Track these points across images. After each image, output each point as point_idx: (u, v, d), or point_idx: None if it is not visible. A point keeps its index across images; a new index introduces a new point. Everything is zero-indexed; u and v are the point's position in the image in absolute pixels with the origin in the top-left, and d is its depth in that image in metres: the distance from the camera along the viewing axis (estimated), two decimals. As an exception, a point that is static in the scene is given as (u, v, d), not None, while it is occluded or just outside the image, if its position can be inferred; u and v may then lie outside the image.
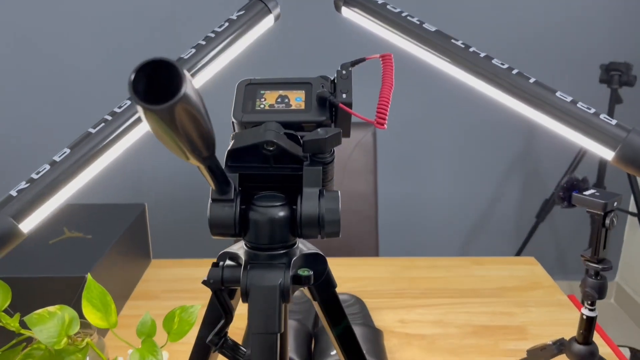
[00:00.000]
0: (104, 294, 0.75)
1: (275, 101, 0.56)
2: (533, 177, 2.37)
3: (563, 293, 1.22)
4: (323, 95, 0.54)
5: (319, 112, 0.54)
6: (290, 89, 0.57)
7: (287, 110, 0.55)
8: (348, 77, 0.55)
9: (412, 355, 1.02)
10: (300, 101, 0.56)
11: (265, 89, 0.57)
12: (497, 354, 1.02)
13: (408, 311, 1.16)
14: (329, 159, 0.51)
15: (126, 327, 1.14)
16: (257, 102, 0.56)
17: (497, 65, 0.56)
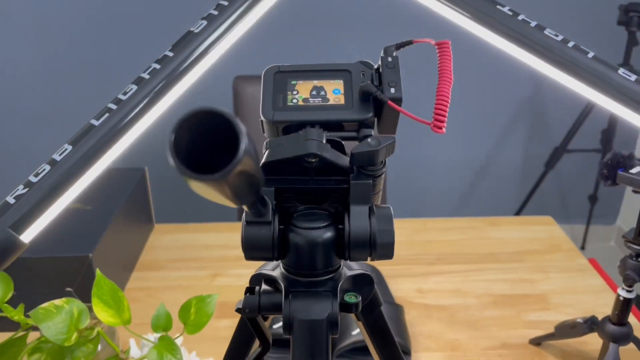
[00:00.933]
0: (115, 290, 0.70)
1: (309, 94, 0.48)
2: (539, 125, 2.31)
3: (583, 256, 1.19)
4: (368, 89, 0.46)
5: (362, 108, 0.47)
6: (326, 77, 0.49)
7: (325, 106, 0.47)
8: (395, 66, 0.47)
9: (432, 328, 0.99)
10: (339, 94, 0.48)
11: (297, 79, 0.49)
12: (519, 326, 0.99)
13: (425, 279, 1.12)
14: (379, 172, 0.44)
15: (134, 301, 1.10)
16: (289, 96, 0.48)
17: (502, 11, 0.49)
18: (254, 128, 0.51)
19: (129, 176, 1.22)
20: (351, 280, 0.47)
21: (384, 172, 0.44)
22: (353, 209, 0.43)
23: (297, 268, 0.45)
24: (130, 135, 0.59)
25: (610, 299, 1.06)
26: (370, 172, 0.44)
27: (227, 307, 1.04)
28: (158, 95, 0.59)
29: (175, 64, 0.59)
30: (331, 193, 0.45)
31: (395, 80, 0.46)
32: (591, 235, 2.50)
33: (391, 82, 0.46)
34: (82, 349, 0.75)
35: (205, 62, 0.62)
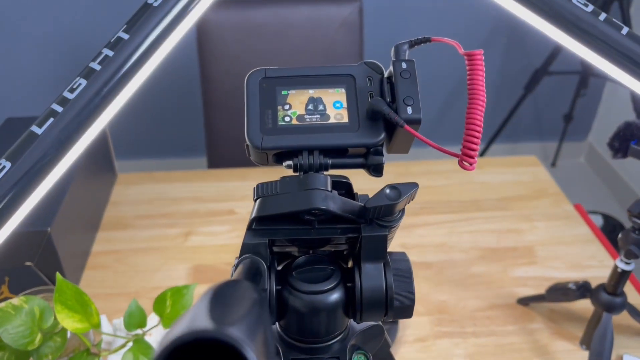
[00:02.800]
0: (80, 294, 0.62)
1: (305, 109, 0.39)
2: (516, 45, 2.21)
3: (568, 202, 1.15)
4: (379, 109, 0.37)
5: (370, 128, 0.38)
6: (325, 85, 0.40)
7: (325, 125, 0.38)
8: (411, 75, 0.38)
9: (418, 289, 0.95)
10: (341, 108, 0.39)
11: (288, 87, 0.40)
12: (506, 283, 0.97)
13: (409, 232, 1.07)
14: (396, 222, 0.36)
15: (102, 267, 1.02)
16: (280, 113, 0.39)
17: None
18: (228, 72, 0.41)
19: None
20: (361, 336, 0.41)
21: (402, 218, 0.37)
22: (365, 267, 0.36)
23: (297, 334, 0.38)
24: (79, 145, 0.49)
25: (596, 250, 1.04)
26: (386, 223, 0.36)
27: (203, 271, 0.98)
28: (113, 91, 0.49)
29: (131, 48, 0.48)
30: (337, 242, 0.38)
31: (412, 94, 0.37)
32: (561, 151, 2.50)
33: (407, 98, 0.37)
34: (48, 344, 0.69)
35: (170, 42, 0.51)
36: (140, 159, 2.26)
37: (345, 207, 0.35)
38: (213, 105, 1.45)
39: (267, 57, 1.43)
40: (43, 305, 0.67)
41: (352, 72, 0.40)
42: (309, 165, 0.37)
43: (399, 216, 0.36)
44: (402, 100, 0.37)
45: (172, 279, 0.97)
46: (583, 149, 2.62)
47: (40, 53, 2.08)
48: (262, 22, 1.40)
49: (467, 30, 2.17)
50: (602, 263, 1.01)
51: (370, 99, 0.39)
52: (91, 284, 0.96)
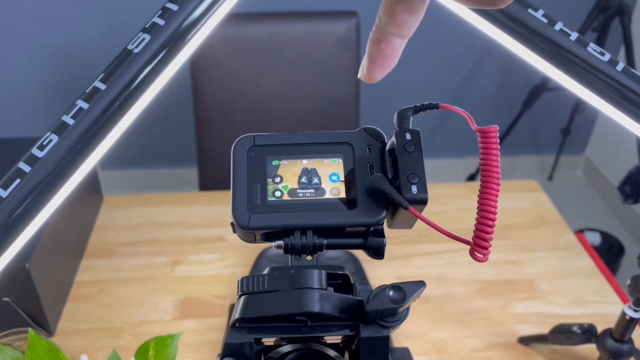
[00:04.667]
0: (54, 351, 0.58)
1: (298, 182, 0.35)
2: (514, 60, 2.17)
3: (570, 230, 1.12)
4: (380, 187, 0.33)
5: (370, 206, 0.34)
6: (320, 154, 0.36)
7: (320, 202, 0.34)
8: (416, 148, 0.34)
9: (415, 326, 0.92)
10: (338, 182, 0.35)
11: (279, 157, 0.36)
12: (506, 320, 0.93)
13: (406, 262, 1.04)
14: (400, 322, 0.32)
15: (85, 299, 0.98)
16: (270, 187, 0.35)
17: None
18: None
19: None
20: None
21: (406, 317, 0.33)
22: None
23: None
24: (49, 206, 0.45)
25: (599, 284, 1.00)
26: (389, 324, 0.32)
27: (191, 304, 0.94)
28: (87, 147, 0.45)
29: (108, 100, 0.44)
30: (332, 339, 0.34)
31: (417, 171, 0.33)
32: (558, 164, 2.47)
33: (412, 175, 0.33)
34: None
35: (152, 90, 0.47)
36: (126, 169, 2.20)
37: (342, 306, 0.32)
38: (205, 122, 1.40)
39: (261, 74, 1.39)
40: (15, 356, 0.62)
41: (350, 140, 0.36)
42: (302, 247, 0.33)
43: (404, 315, 0.32)
44: (405, 177, 0.33)
45: (158, 312, 0.92)
46: (580, 162, 2.60)
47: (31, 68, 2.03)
48: (256, 37, 1.36)
49: (465, 44, 2.13)
50: (605, 299, 0.97)
51: (370, 171, 0.35)
52: (73, 317, 0.91)
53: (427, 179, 0.33)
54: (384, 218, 0.34)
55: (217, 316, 0.91)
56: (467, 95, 2.28)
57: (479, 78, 2.24)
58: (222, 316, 0.91)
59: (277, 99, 1.41)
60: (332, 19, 1.37)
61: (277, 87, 1.40)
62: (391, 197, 0.33)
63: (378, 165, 0.35)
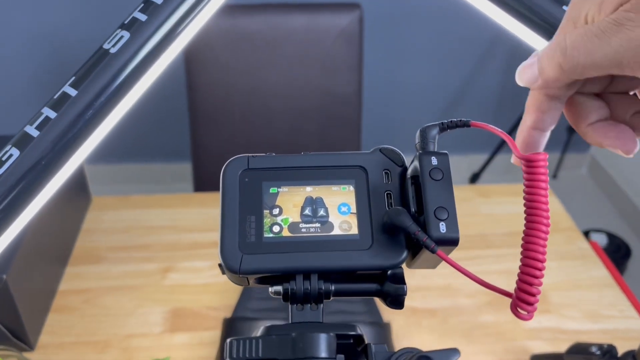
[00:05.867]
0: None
1: (300, 215, 0.29)
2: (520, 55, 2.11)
3: (583, 237, 1.06)
4: (401, 225, 0.27)
5: (387, 245, 0.28)
6: (327, 180, 0.30)
7: (327, 239, 0.28)
8: (445, 176, 0.28)
9: (421, 342, 0.86)
10: (349, 214, 0.29)
11: (278, 182, 0.30)
12: (517, 335, 0.87)
13: (411, 272, 0.97)
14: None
15: (69, 311, 0.91)
16: (267, 220, 0.29)
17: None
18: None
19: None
20: None
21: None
22: None
23: None
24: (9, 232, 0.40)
25: (615, 297, 0.95)
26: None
27: (182, 316, 0.88)
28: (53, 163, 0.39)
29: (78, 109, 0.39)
30: None
31: (446, 204, 0.28)
32: (563, 162, 2.41)
33: (439, 209, 0.27)
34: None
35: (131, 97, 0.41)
36: (117, 164, 2.14)
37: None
38: (200, 117, 1.34)
39: (259, 69, 1.32)
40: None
41: (364, 163, 0.30)
42: (304, 294, 0.28)
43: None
44: (432, 212, 0.27)
45: (148, 324, 0.87)
46: (585, 160, 2.54)
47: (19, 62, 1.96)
48: (254, 30, 1.29)
49: (469, 37, 2.07)
50: (623, 313, 0.92)
51: (388, 202, 0.29)
52: (56, 330, 0.85)
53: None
54: (404, 260, 0.28)
55: (210, 329, 0.86)
56: (471, 93, 2.22)
57: (483, 75, 2.18)
58: (216, 329, 0.86)
59: (275, 95, 1.34)
60: (334, 11, 1.31)
61: (276, 82, 1.33)
62: (415, 237, 0.27)
63: (397, 195, 0.29)
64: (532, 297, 0.26)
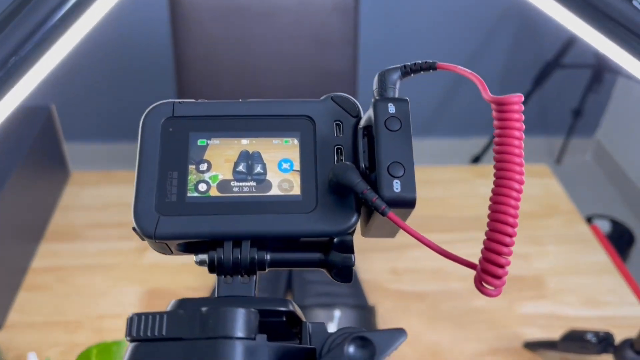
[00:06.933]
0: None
1: (233, 172, 0.24)
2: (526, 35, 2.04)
3: (583, 221, 1.01)
4: (347, 182, 0.23)
5: (335, 208, 0.24)
6: (267, 132, 0.25)
7: (264, 201, 0.24)
8: (403, 126, 0.23)
9: (409, 326, 0.81)
10: (291, 171, 0.25)
11: (207, 133, 0.25)
12: (511, 322, 0.83)
13: (400, 254, 0.93)
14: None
15: (40, 289, 0.87)
16: (192, 176, 0.24)
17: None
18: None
19: (31, 116, 0.96)
20: None
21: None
22: None
23: None
24: None
25: (614, 282, 0.90)
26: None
27: (159, 297, 0.84)
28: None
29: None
30: None
31: (402, 159, 0.23)
32: (567, 147, 2.35)
33: (394, 165, 0.23)
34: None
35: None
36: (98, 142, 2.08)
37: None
38: (187, 94, 1.29)
39: (249, 43, 1.27)
40: None
41: (312, 113, 0.25)
42: (234, 264, 0.23)
43: None
44: (385, 168, 0.23)
45: (122, 305, 0.83)
46: (590, 146, 2.48)
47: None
48: (245, 2, 1.24)
49: (474, 15, 2.00)
50: (622, 299, 0.87)
51: (337, 158, 0.24)
52: (25, 309, 0.82)
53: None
54: (353, 225, 0.24)
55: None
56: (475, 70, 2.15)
57: (488, 53, 2.11)
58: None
59: (266, 70, 1.29)
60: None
61: (267, 57, 1.28)
62: (363, 198, 0.22)
63: (349, 150, 0.25)
64: (500, 269, 0.22)
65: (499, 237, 0.22)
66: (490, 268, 0.22)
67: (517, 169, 0.22)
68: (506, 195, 0.22)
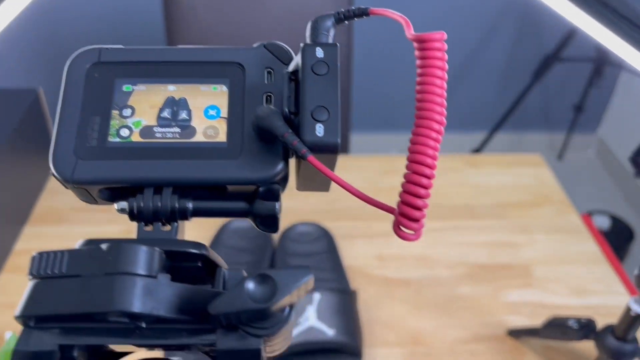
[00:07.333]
0: None
1: (157, 118, 0.24)
2: (528, 29, 2.03)
3: (575, 211, 1.00)
4: (268, 126, 0.22)
5: (260, 155, 0.23)
6: (195, 79, 0.25)
7: (187, 147, 0.23)
8: (330, 71, 0.23)
9: (392, 312, 0.81)
10: (217, 118, 0.24)
11: (133, 79, 0.24)
12: (496, 309, 0.82)
13: (387, 241, 0.92)
14: (280, 326, 0.21)
15: (23, 271, 0.87)
16: (115, 121, 0.24)
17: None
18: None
19: (16, 99, 0.96)
20: None
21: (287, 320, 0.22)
22: None
23: None
24: None
25: (603, 272, 0.89)
26: (259, 332, 0.21)
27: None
28: None
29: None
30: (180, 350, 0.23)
31: (327, 103, 0.22)
32: (569, 144, 2.33)
33: (318, 109, 0.22)
34: None
35: None
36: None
37: (184, 302, 0.21)
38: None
39: (243, 31, 1.26)
40: None
41: (242, 60, 0.25)
42: (154, 211, 0.23)
43: (285, 317, 0.21)
44: (309, 112, 0.22)
45: None
46: (592, 142, 2.46)
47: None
48: (238, -12, 1.23)
49: (475, 9, 1.99)
50: (610, 288, 0.86)
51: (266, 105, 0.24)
52: (7, 290, 0.82)
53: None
54: (279, 173, 0.23)
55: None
56: (475, 65, 2.14)
57: (490, 47, 2.10)
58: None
59: (259, 58, 1.29)
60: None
61: (260, 44, 1.27)
62: (283, 141, 0.21)
63: (279, 98, 0.24)
64: (417, 212, 0.21)
65: (416, 178, 0.21)
66: (408, 210, 0.21)
67: (438, 109, 0.21)
68: (425, 136, 0.21)
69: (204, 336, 0.22)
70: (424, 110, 0.21)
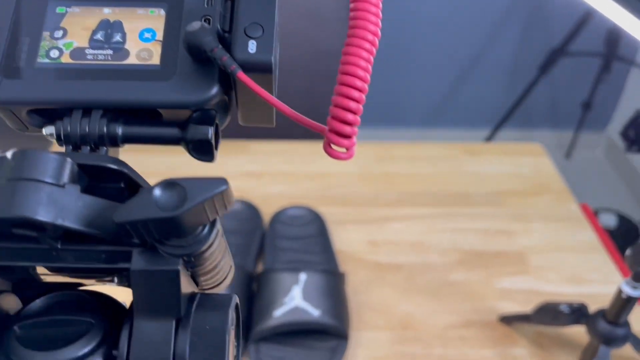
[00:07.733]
0: None
1: (89, 40, 0.23)
2: (536, 22, 2.00)
3: (574, 200, 0.98)
4: (196, 42, 0.21)
5: (193, 78, 0.22)
6: (130, 2, 0.24)
7: (118, 68, 0.22)
8: None
9: (382, 297, 0.80)
10: (152, 41, 0.23)
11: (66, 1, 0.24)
12: (488, 296, 0.81)
13: (381, 227, 0.91)
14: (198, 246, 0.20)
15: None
16: (45, 42, 0.23)
17: None
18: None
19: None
20: None
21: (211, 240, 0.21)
22: (140, 325, 0.20)
23: None
24: None
25: (601, 261, 0.87)
26: (176, 251, 0.20)
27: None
28: None
29: None
30: (96, 273, 0.22)
31: (262, 20, 0.21)
32: (577, 142, 2.30)
33: (252, 25, 0.21)
34: None
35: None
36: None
37: (90, 216, 0.20)
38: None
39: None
40: None
41: None
42: (82, 136, 0.22)
43: (204, 235, 0.20)
44: (242, 29, 0.21)
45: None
46: (601, 140, 2.42)
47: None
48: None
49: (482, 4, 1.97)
50: (606, 277, 0.84)
51: None
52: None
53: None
54: (213, 97, 0.22)
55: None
56: (481, 60, 2.12)
57: (497, 42, 2.07)
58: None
59: (259, 46, 1.28)
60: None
61: (259, 32, 1.27)
62: (212, 56, 0.20)
63: (217, 20, 0.23)
64: (347, 127, 0.20)
65: (346, 90, 0.20)
66: (337, 126, 0.20)
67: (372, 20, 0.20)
68: (357, 46, 0.20)
69: (122, 262, 0.20)
70: (359, 20, 0.20)
